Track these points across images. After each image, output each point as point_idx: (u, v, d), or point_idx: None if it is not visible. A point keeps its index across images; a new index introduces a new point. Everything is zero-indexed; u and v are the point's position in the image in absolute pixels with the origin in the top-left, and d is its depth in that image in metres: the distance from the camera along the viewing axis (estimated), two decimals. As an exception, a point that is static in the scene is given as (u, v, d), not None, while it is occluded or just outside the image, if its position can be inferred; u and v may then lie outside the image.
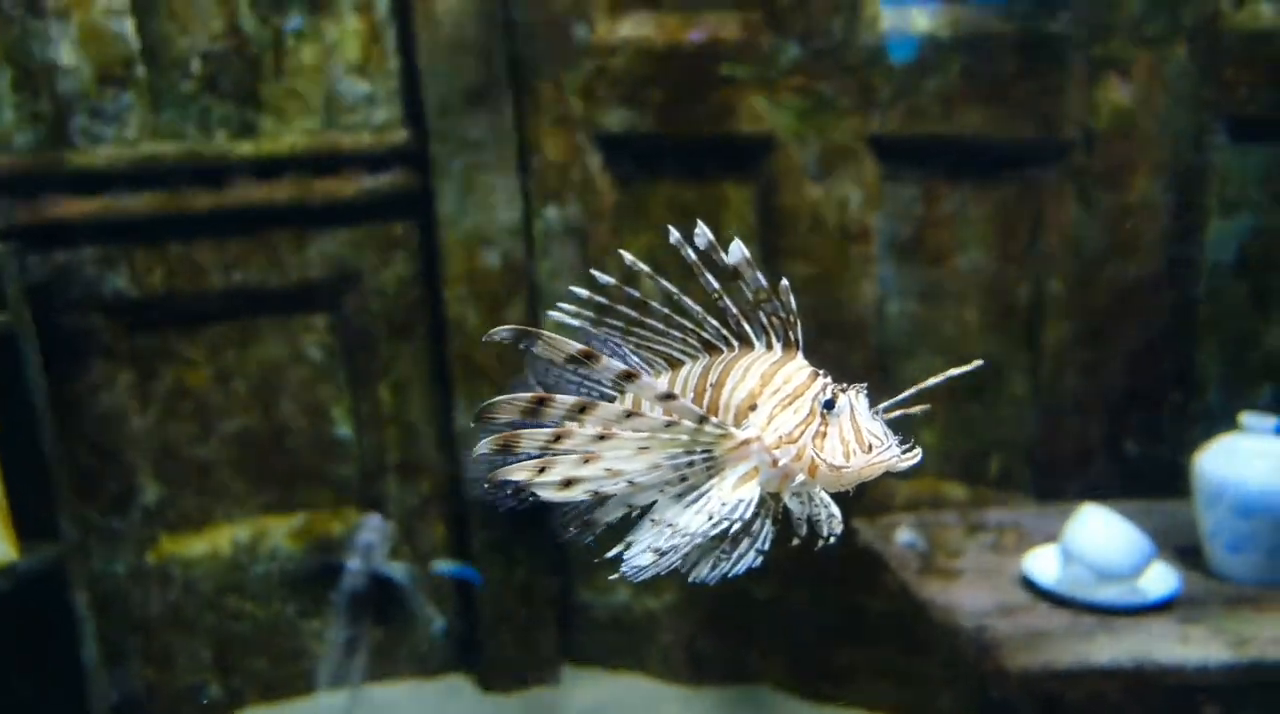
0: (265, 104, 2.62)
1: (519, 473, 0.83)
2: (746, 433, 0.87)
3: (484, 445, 0.82)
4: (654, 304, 0.94)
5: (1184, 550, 2.14)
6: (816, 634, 2.88)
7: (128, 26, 2.46)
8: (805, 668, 2.93)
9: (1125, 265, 2.54)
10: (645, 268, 0.91)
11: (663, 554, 0.85)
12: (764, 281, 0.87)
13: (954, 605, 2.02)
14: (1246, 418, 2.04)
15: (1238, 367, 2.64)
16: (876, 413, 0.88)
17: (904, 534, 2.30)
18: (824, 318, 2.64)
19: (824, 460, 0.85)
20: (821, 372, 0.88)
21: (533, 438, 0.82)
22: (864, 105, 2.56)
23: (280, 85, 2.62)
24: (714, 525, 0.85)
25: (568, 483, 0.84)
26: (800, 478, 0.87)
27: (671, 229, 0.89)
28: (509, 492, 0.89)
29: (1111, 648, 1.83)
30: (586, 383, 0.96)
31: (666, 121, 2.68)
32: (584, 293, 0.95)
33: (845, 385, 0.87)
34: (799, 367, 0.89)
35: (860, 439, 0.86)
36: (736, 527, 0.86)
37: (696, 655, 3.00)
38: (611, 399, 0.95)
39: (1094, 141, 2.48)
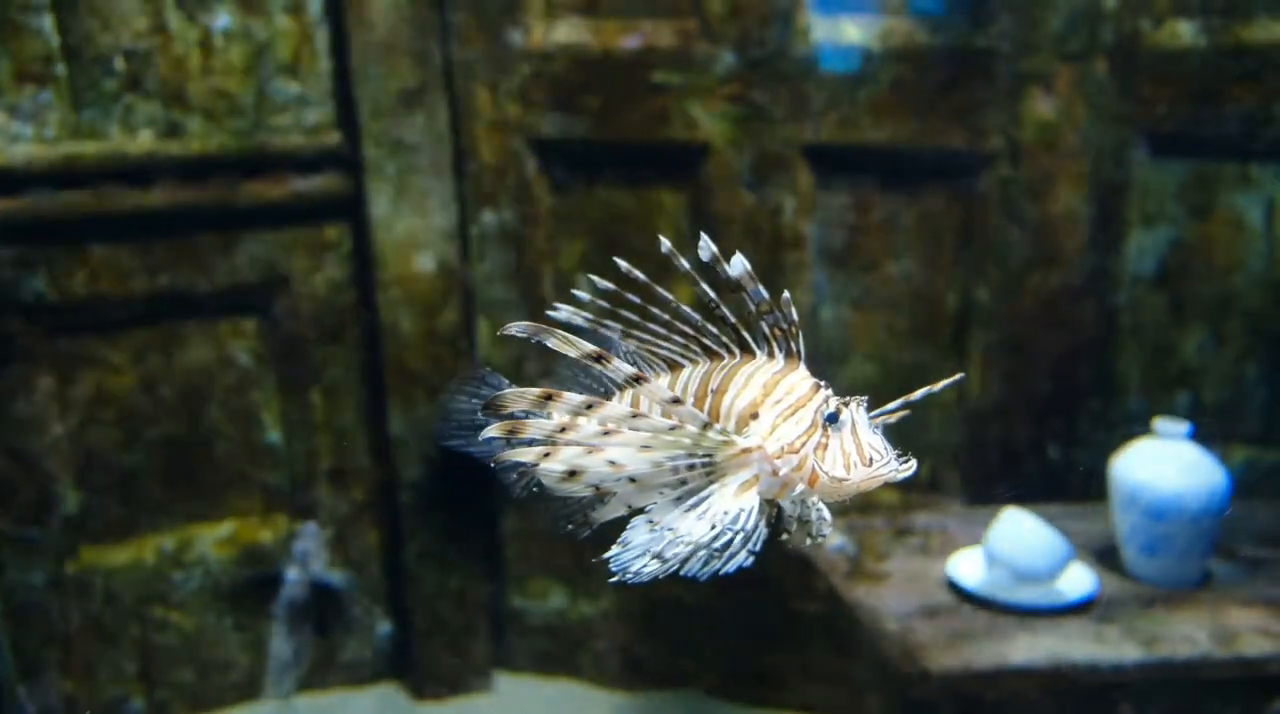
0: (192, 104, 2.56)
1: (525, 455, 0.85)
2: (749, 441, 0.88)
3: (492, 429, 0.83)
4: (654, 309, 0.95)
5: (1102, 552, 2.20)
6: (749, 638, 2.90)
7: (47, 23, 2.39)
8: (738, 672, 2.94)
9: (1048, 275, 2.61)
10: (641, 275, 0.92)
11: (665, 560, 0.86)
12: (765, 294, 0.88)
13: (880, 608, 2.05)
14: (1159, 424, 2.11)
15: (1156, 374, 2.72)
16: (876, 426, 0.89)
17: (834, 538, 2.33)
18: (758, 324, 2.66)
19: (826, 472, 0.87)
20: (823, 383, 0.90)
21: (539, 426, 0.84)
22: (797, 114, 2.59)
23: (208, 85, 2.57)
24: (716, 534, 0.86)
25: (571, 474, 0.85)
26: (800, 488, 0.88)
27: (663, 239, 0.90)
28: (515, 474, 0.91)
29: (1029, 648, 1.88)
30: (583, 380, 0.99)
31: (602, 127, 2.68)
32: (585, 296, 0.95)
33: (847, 399, 0.88)
34: (801, 377, 0.90)
35: (861, 453, 0.87)
36: (739, 538, 0.87)
37: (630, 661, 3.01)
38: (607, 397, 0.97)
39: (1019, 153, 2.54)
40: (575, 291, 0.96)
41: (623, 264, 0.93)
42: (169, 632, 2.83)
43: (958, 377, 0.94)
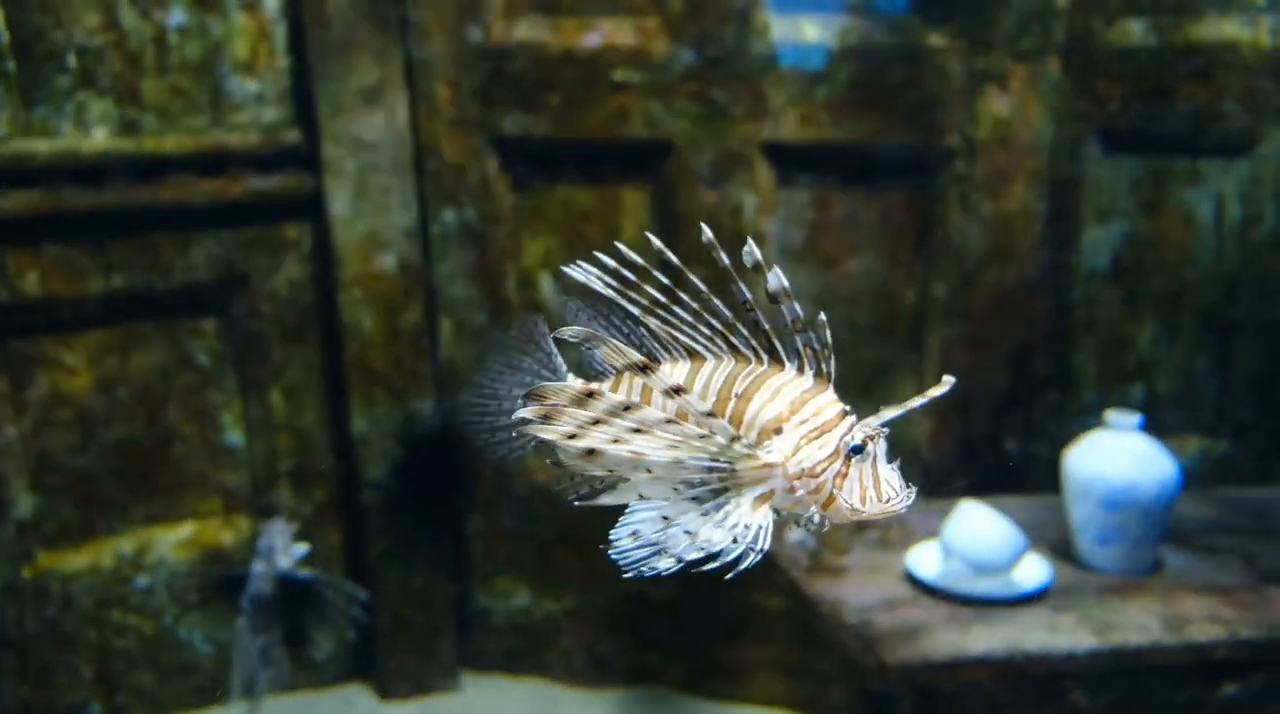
0: (147, 102, 2.53)
1: (549, 432, 0.85)
2: (771, 457, 0.89)
3: (526, 412, 0.85)
4: (683, 295, 0.94)
5: (1057, 543, 2.23)
6: (715, 633, 2.91)
7: (-4, 18, 2.36)
8: (704, 667, 2.96)
9: (1005, 270, 2.64)
10: (674, 258, 0.91)
11: (680, 561, 0.87)
12: (800, 312, 0.89)
13: (840, 601, 2.07)
14: (1111, 415, 2.14)
15: (1112, 367, 2.76)
16: (895, 463, 0.90)
17: (795, 533, 2.35)
18: (720, 321, 2.67)
19: (844, 501, 0.88)
20: (849, 409, 0.90)
21: (573, 416, 0.85)
22: (757, 112, 2.60)
23: (163, 82, 2.54)
24: (734, 544, 0.87)
25: (590, 453, 0.86)
26: (813, 510, 0.89)
27: (704, 227, 0.90)
28: (533, 445, 0.92)
29: (986, 639, 1.90)
30: (597, 364, 1.00)
31: (563, 125, 2.68)
32: (610, 262, 0.93)
33: (872, 432, 0.89)
34: (829, 400, 0.91)
35: (879, 487, 0.88)
36: (757, 557, 0.87)
37: (597, 658, 3.01)
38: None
39: (975, 151, 2.58)
40: (598, 254, 0.94)
41: (656, 242, 0.92)
42: (128, 636, 2.80)
43: (950, 381, 0.94)
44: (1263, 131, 2.54)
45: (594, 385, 0.86)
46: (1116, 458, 2.10)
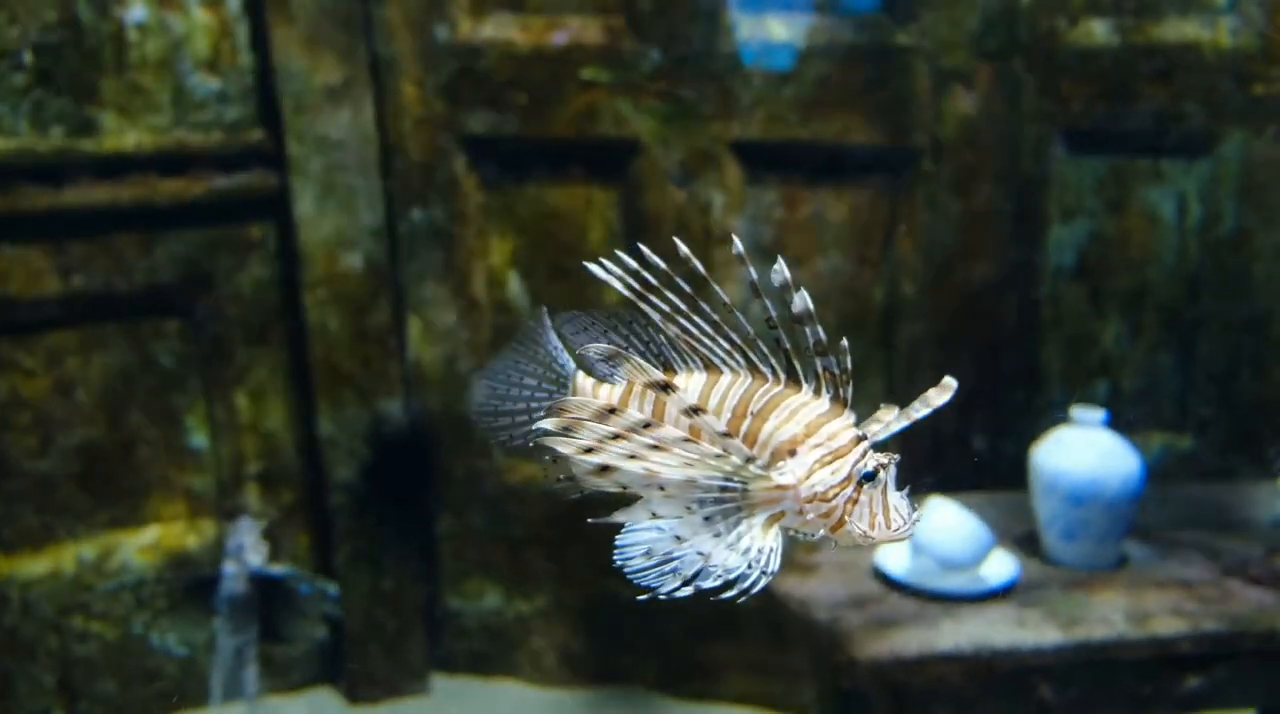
0: (106, 100, 2.49)
1: (565, 446, 0.86)
2: (784, 480, 0.89)
3: (547, 424, 0.86)
4: (705, 306, 0.93)
5: (1023, 539, 2.25)
6: (687, 633, 2.91)
7: (-51, 14, 2.31)
8: (676, 666, 2.96)
9: (972, 269, 2.66)
10: (700, 267, 0.91)
11: (699, 587, 0.87)
12: (823, 335, 0.88)
13: (810, 598, 2.07)
14: (1076, 411, 2.16)
15: (1077, 364, 2.79)
16: (905, 493, 0.91)
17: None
18: (689, 320, 2.67)
19: (855, 526, 0.89)
20: (863, 434, 0.90)
21: (593, 430, 0.86)
22: (725, 111, 2.60)
23: (122, 80, 2.50)
24: (748, 567, 0.87)
25: (604, 469, 0.86)
26: (821, 533, 0.90)
27: (735, 240, 0.90)
28: (548, 457, 0.92)
29: (954, 635, 1.91)
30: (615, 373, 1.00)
31: (531, 124, 2.67)
32: (632, 263, 0.92)
33: (884, 460, 0.89)
34: (845, 425, 0.90)
35: (887, 515, 0.89)
36: (767, 579, 0.88)
37: (568, 658, 3.00)
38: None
39: (942, 150, 2.59)
40: (619, 253, 0.92)
41: (683, 249, 0.91)
42: (90, 643, 2.75)
43: (952, 386, 0.94)
44: (1223, 132, 2.57)
45: (615, 402, 0.87)
46: (1081, 454, 2.11)
